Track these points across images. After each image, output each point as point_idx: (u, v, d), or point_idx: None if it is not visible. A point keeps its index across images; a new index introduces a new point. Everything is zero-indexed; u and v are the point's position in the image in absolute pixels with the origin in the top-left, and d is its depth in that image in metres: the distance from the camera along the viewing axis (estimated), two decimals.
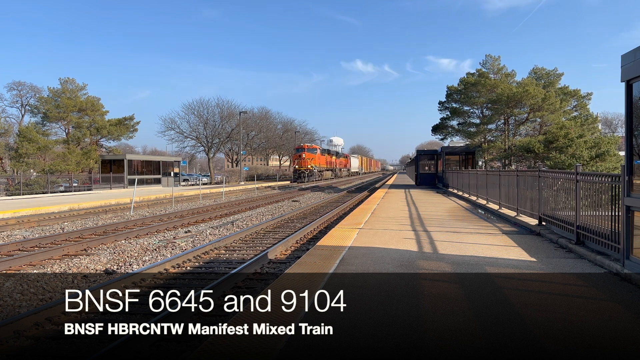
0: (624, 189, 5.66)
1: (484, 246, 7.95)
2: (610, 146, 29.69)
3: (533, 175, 10.63)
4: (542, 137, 33.98)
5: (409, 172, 65.61)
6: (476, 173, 18.68)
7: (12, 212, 17.43)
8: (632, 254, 5.48)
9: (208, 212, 18.09)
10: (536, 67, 44.44)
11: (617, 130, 74.81)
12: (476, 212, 14.23)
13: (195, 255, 9.18)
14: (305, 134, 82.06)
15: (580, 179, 7.71)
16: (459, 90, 42.06)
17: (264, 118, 71.69)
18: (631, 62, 5.33)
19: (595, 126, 39.43)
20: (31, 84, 55.47)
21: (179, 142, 59.16)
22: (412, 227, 10.38)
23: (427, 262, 6.68)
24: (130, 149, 73.40)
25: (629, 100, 5.52)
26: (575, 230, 7.67)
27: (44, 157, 41.97)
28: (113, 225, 13.92)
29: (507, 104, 37.89)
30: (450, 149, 32.36)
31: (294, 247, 10.51)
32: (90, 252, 9.98)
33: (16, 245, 10.42)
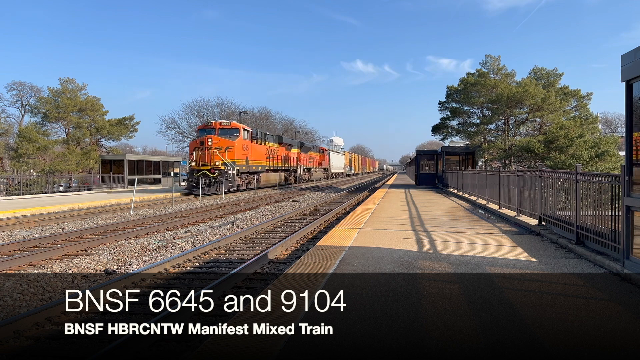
0: (624, 189, 5.66)
1: (484, 246, 7.95)
2: (610, 146, 29.72)
3: (533, 175, 10.63)
4: (542, 137, 34.02)
5: (409, 172, 65.38)
6: (476, 173, 18.68)
7: (12, 212, 17.43)
8: (632, 254, 5.48)
9: (208, 212, 18.09)
10: (536, 67, 44.49)
11: (617, 130, 74.83)
12: (476, 212, 14.23)
13: (195, 255, 9.18)
14: (305, 134, 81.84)
15: (580, 179, 7.71)
16: (459, 90, 42.09)
17: (264, 118, 71.67)
18: (631, 62, 5.33)
19: (595, 126, 39.43)
20: (31, 84, 55.56)
21: (179, 142, 59.14)
22: (412, 227, 10.38)
23: (427, 262, 6.67)
24: (130, 149, 73.42)
25: (629, 100, 5.52)
26: (575, 230, 7.67)
27: (44, 157, 41.99)
28: (113, 225, 13.92)
29: (507, 104, 37.92)
30: (450, 149, 32.35)
31: (294, 247, 10.51)
32: (90, 252, 9.98)
33: (16, 245, 10.42)
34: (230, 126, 29.09)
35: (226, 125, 29.06)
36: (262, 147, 33.56)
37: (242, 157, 29.14)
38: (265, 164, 34.06)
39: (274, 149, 37.12)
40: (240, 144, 28.91)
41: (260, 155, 33.03)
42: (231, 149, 27.98)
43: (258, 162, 32.61)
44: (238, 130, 29.19)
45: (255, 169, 31.91)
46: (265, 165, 34.14)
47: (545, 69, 43.95)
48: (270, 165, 35.43)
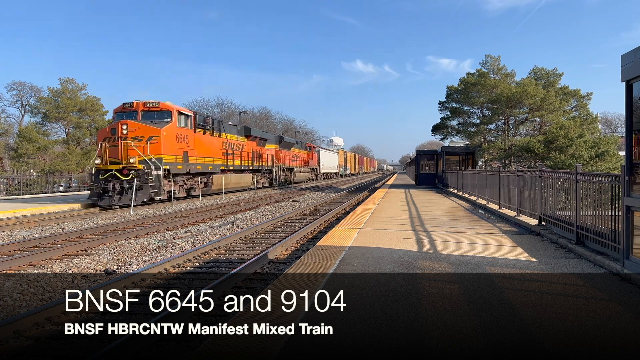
0: (624, 189, 5.66)
1: (484, 246, 7.95)
2: (610, 146, 29.74)
3: (533, 175, 10.63)
4: (542, 137, 34.04)
5: (409, 172, 65.30)
6: (476, 173, 18.68)
7: (12, 212, 17.44)
8: (632, 254, 5.48)
9: (208, 212, 18.10)
10: (536, 67, 44.52)
11: (617, 130, 74.86)
12: (476, 212, 14.23)
13: (195, 255, 9.18)
14: (305, 134, 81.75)
15: (580, 179, 7.71)
16: (459, 90, 42.11)
17: (264, 118, 71.71)
18: (631, 62, 5.33)
19: (595, 126, 39.47)
20: (31, 84, 55.57)
21: None
22: (412, 227, 10.38)
23: (427, 262, 6.68)
24: None
25: (629, 100, 5.52)
26: (575, 230, 7.67)
27: (44, 157, 42.01)
28: (113, 225, 13.92)
29: (507, 104, 37.95)
30: (450, 149, 32.36)
31: (294, 247, 10.51)
32: (90, 252, 9.98)
33: (16, 245, 10.42)
34: (158, 108, 20.45)
35: (152, 107, 20.42)
36: (215, 139, 25.13)
37: (175, 151, 20.75)
38: (220, 162, 25.54)
39: (237, 143, 28.55)
40: (172, 133, 20.47)
41: (211, 150, 24.57)
42: (156, 139, 19.50)
43: (208, 160, 24.04)
44: (170, 114, 20.55)
45: (203, 169, 23.49)
46: (221, 164, 25.65)
47: (545, 69, 43.99)
48: (229, 164, 27.01)
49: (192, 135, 22.42)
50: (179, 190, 21.69)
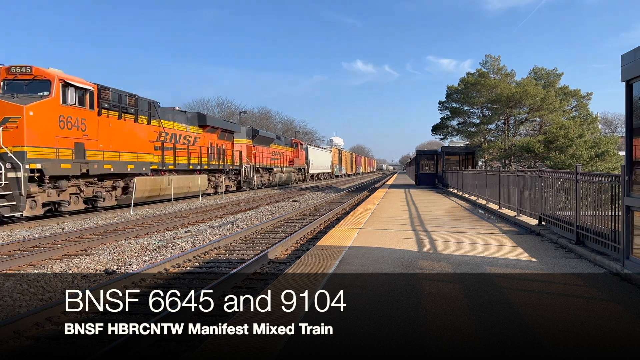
0: (624, 189, 5.66)
1: (484, 246, 7.95)
2: (610, 146, 29.74)
3: (533, 175, 10.63)
4: (542, 137, 34.03)
5: (409, 172, 65.26)
6: (476, 173, 18.68)
7: None
8: (632, 254, 5.48)
9: (208, 212, 18.10)
10: (536, 67, 44.47)
11: (617, 130, 74.86)
12: (476, 212, 14.23)
13: (195, 255, 9.18)
14: (305, 134, 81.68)
15: (580, 179, 7.71)
16: (459, 90, 42.08)
17: (264, 118, 71.72)
18: (631, 62, 5.33)
19: (595, 126, 39.44)
20: None
21: None
22: (412, 227, 10.38)
23: (427, 262, 6.68)
24: None
25: (629, 100, 5.52)
26: (575, 230, 7.67)
27: None
28: (113, 225, 13.92)
29: (507, 104, 37.93)
30: (450, 149, 32.37)
31: (294, 247, 10.51)
32: (90, 252, 9.98)
33: (16, 245, 10.42)
34: (30, 75, 13.97)
35: (24, 74, 13.96)
36: (142, 127, 18.69)
37: (56, 141, 14.25)
38: (147, 159, 19.12)
39: (184, 134, 22.29)
40: (49, 114, 13.94)
41: (133, 143, 18.15)
42: (15, 122, 13.08)
43: (126, 156, 17.71)
44: (48, 84, 14.09)
45: (117, 169, 17.20)
46: (149, 162, 19.30)
47: (545, 69, 43.94)
48: (168, 162, 20.78)
49: (95, 118, 15.87)
50: (71, 201, 15.54)
